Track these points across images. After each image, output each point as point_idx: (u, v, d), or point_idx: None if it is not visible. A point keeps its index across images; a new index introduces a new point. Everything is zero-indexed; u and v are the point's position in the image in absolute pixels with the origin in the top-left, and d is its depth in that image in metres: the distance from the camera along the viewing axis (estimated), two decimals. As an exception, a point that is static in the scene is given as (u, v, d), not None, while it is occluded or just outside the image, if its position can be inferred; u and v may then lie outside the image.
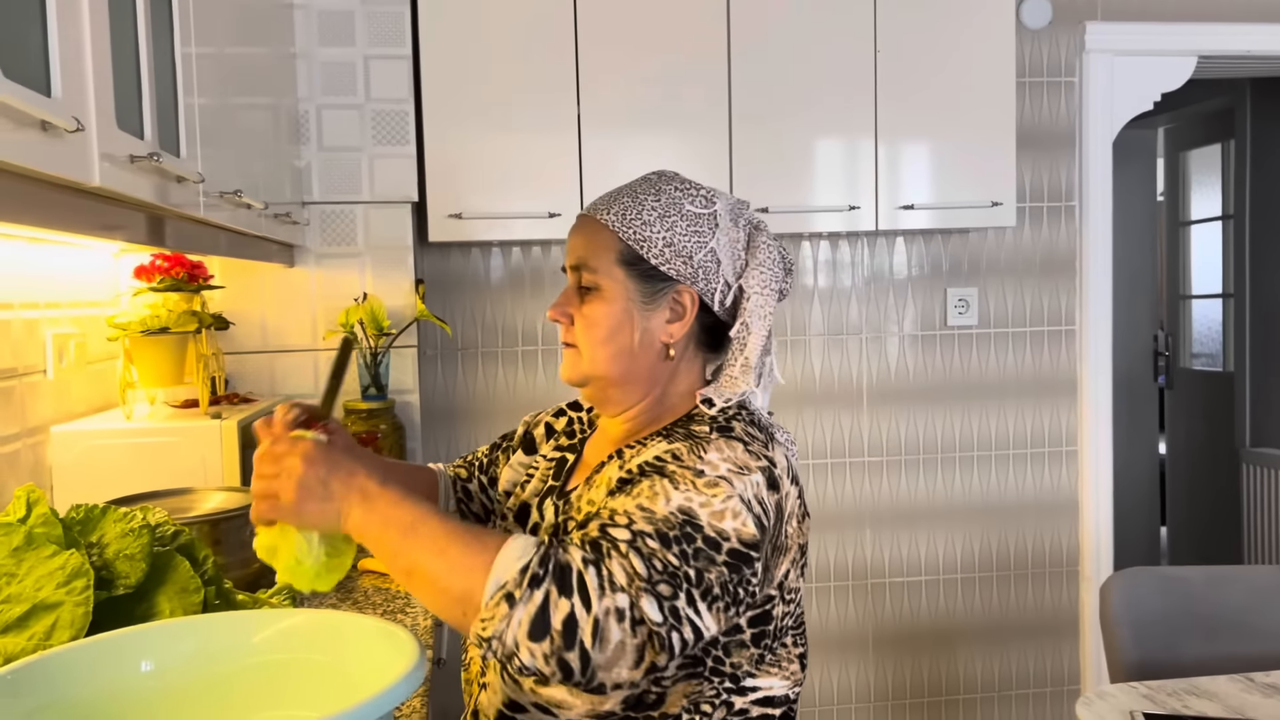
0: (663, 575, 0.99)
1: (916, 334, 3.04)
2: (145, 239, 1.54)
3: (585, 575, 0.97)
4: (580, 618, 0.95)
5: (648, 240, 1.19)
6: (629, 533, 1.01)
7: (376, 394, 2.46)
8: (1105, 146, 3.05)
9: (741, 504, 1.05)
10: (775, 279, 1.22)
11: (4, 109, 0.91)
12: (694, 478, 1.06)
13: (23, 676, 1.02)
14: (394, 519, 1.03)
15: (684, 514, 1.02)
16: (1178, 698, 1.60)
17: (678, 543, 1.01)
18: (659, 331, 1.21)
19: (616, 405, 1.25)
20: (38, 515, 1.27)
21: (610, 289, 1.20)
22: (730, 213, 1.22)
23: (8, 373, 1.76)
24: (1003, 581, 3.11)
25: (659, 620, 0.98)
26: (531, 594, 0.96)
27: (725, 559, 1.03)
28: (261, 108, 2.18)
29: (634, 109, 2.59)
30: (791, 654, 1.19)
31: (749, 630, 1.13)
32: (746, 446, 1.10)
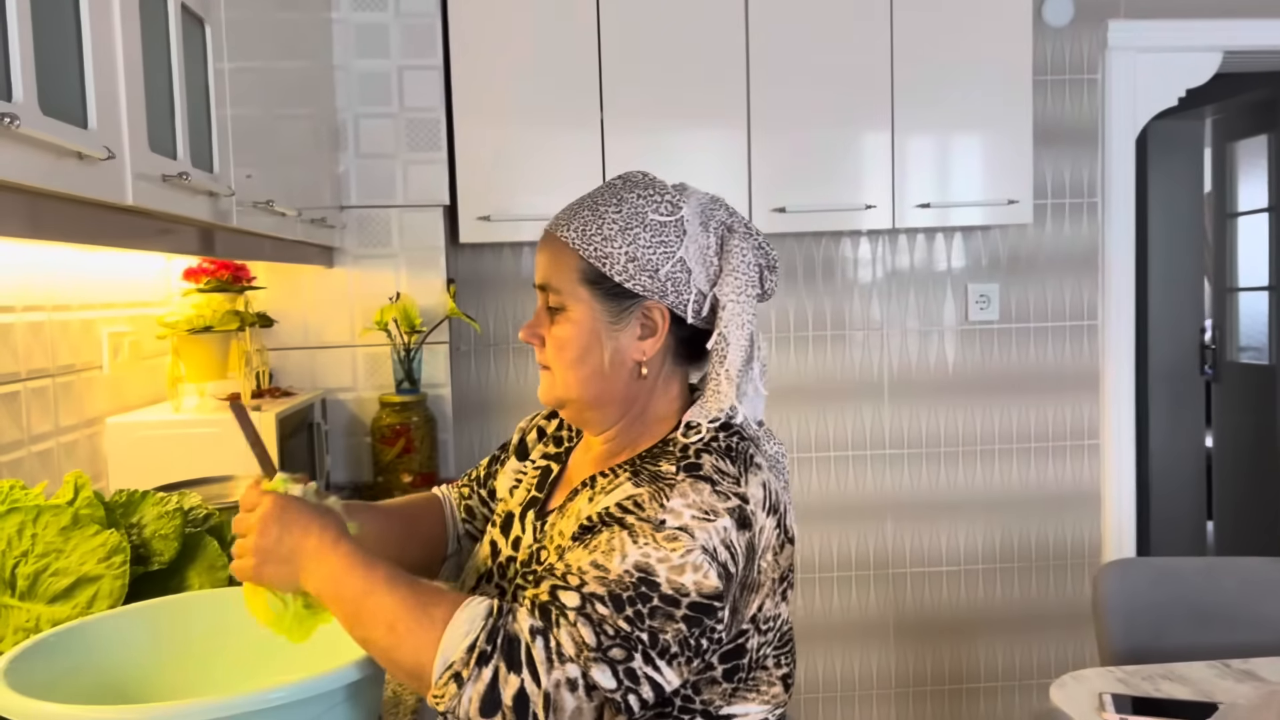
0: (614, 640, 0.96)
1: (937, 329, 3.09)
2: (196, 248, 1.69)
3: (533, 648, 0.95)
4: (531, 692, 0.94)
5: (609, 257, 1.12)
6: (578, 597, 0.98)
7: (410, 388, 2.60)
8: (1128, 143, 3.07)
9: (704, 555, 1.00)
10: (751, 284, 1.15)
11: (42, 143, 1.04)
12: (653, 531, 1.01)
13: (66, 638, 1.16)
14: (346, 583, 1.02)
15: (640, 571, 0.99)
16: (1151, 681, 1.66)
17: (631, 604, 0.97)
18: (630, 350, 1.15)
19: (596, 426, 1.21)
20: (83, 498, 1.41)
21: (576, 309, 1.15)
22: (700, 216, 1.16)
23: (67, 368, 1.92)
24: (1023, 573, 3.16)
25: (613, 687, 0.96)
26: (480, 672, 0.94)
27: (684, 613, 0.99)
28: (302, 118, 2.32)
29: (655, 111, 2.69)
30: (773, 676, 1.14)
31: (721, 667, 1.09)
32: (714, 487, 1.05)
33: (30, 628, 1.30)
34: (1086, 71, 3.07)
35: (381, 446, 2.55)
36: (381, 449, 2.55)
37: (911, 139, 2.75)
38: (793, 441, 3.08)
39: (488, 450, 2.98)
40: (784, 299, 3.05)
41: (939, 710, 3.16)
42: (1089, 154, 3.09)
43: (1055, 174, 3.09)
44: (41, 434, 1.82)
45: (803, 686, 3.12)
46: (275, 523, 1.05)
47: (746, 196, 2.72)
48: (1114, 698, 1.57)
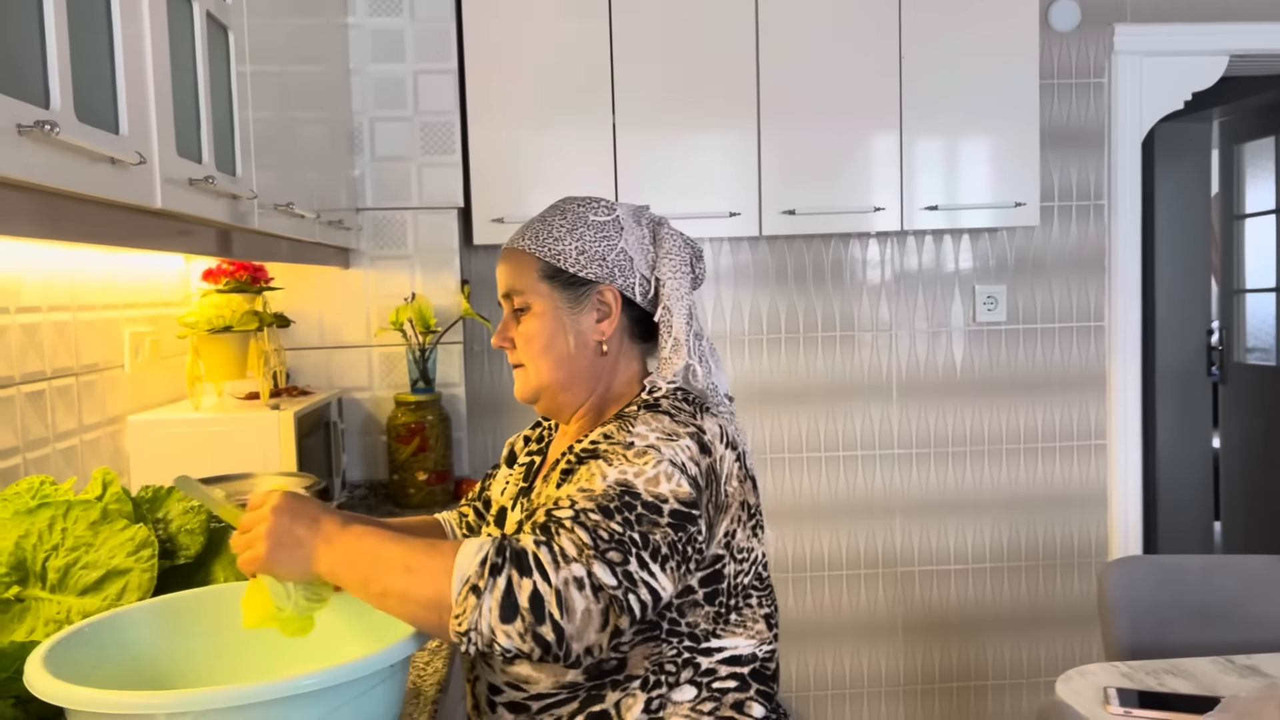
0: (610, 543, 1.07)
1: (945, 330, 3.12)
2: (215, 249, 1.73)
3: (539, 554, 1.04)
4: (544, 592, 1.02)
5: (562, 253, 1.30)
6: (572, 511, 1.10)
7: (424, 387, 2.64)
8: (1134, 146, 3.09)
9: (673, 467, 1.14)
10: (684, 263, 1.32)
11: (78, 150, 1.08)
12: (624, 450, 1.16)
13: (98, 629, 1.20)
14: (359, 551, 1.09)
15: (621, 485, 1.12)
16: (1155, 677, 1.69)
17: (619, 511, 1.09)
18: (591, 332, 1.32)
19: (568, 409, 1.35)
20: (111, 494, 1.45)
21: (539, 304, 1.31)
22: (632, 216, 1.35)
23: (90, 368, 1.96)
24: (1030, 571, 3.18)
25: (614, 584, 1.05)
26: (495, 581, 1.02)
27: (668, 520, 1.11)
28: (319, 121, 2.36)
29: (666, 114, 2.72)
30: (756, 614, 1.26)
31: (701, 590, 1.21)
32: (673, 418, 1.21)
33: (61, 619, 1.34)
34: (1093, 75, 3.09)
35: (397, 445, 2.59)
36: (397, 447, 2.59)
37: (920, 142, 2.78)
38: (802, 441, 3.11)
39: (500, 449, 3.01)
40: (793, 300, 3.08)
41: (946, 707, 3.19)
42: (1096, 157, 3.12)
43: (1062, 177, 3.11)
44: (66, 431, 1.86)
45: (812, 683, 3.15)
46: (285, 513, 1.13)
47: (756, 199, 2.75)
48: (1119, 691, 1.60)
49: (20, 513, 1.41)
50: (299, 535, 1.11)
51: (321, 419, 2.41)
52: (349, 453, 2.72)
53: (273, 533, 1.11)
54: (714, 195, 2.73)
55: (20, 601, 1.37)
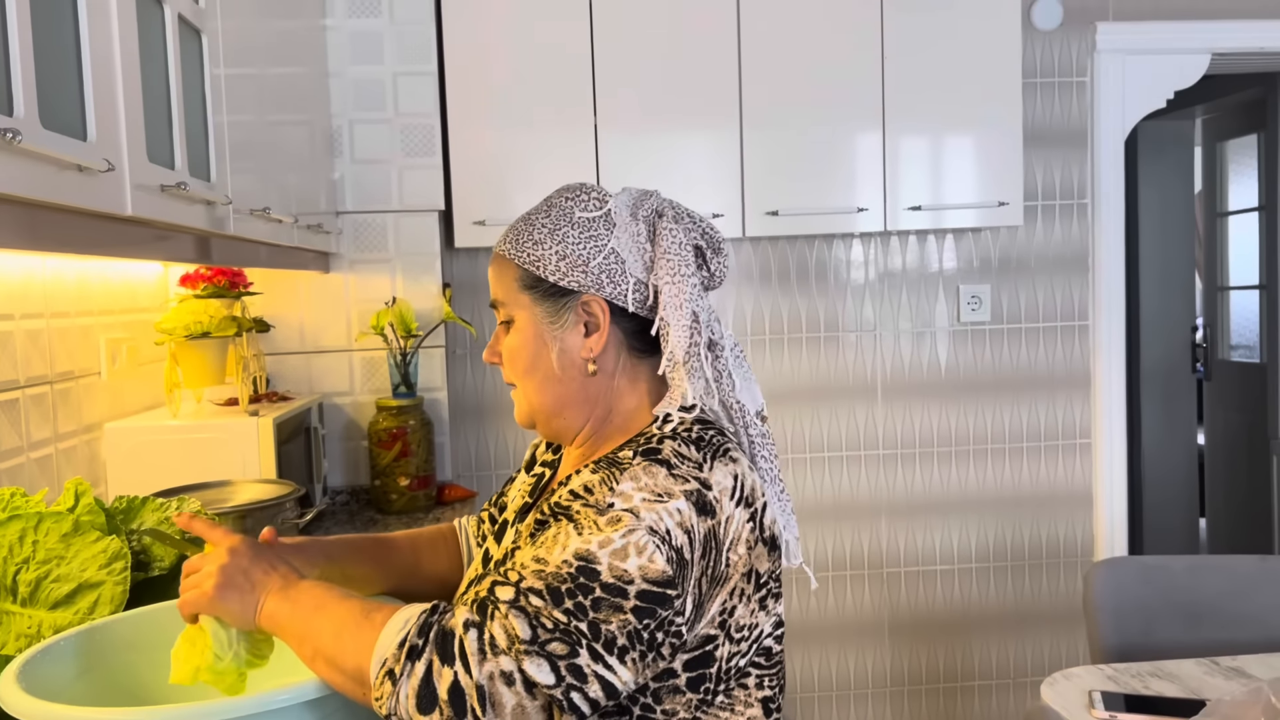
0: (552, 633, 0.94)
1: (930, 330, 3.12)
2: (192, 256, 1.71)
3: (465, 640, 0.94)
4: (465, 685, 0.92)
5: (541, 259, 1.14)
6: (513, 590, 0.96)
7: (406, 392, 2.62)
8: (1117, 144, 3.10)
9: (649, 536, 0.97)
10: (685, 264, 1.13)
11: (43, 157, 1.06)
12: (596, 516, 1.00)
13: (71, 644, 1.18)
14: (304, 603, 1.02)
15: (580, 559, 0.97)
16: (1141, 679, 1.68)
17: (570, 595, 0.95)
18: (578, 349, 1.15)
19: (567, 434, 1.20)
20: (84, 505, 1.43)
21: (520, 317, 1.16)
22: (629, 207, 1.16)
23: (65, 375, 1.94)
24: (1017, 571, 3.18)
25: (551, 683, 0.92)
26: (412, 666, 0.93)
27: (634, 604, 0.96)
28: (297, 124, 2.34)
29: (648, 115, 2.71)
30: (751, 697, 1.09)
31: (685, 674, 1.05)
32: (670, 471, 1.03)
33: (32, 634, 1.32)
34: (1075, 74, 3.09)
35: (379, 450, 2.57)
36: (379, 452, 2.57)
37: (903, 142, 2.78)
38: (787, 442, 3.10)
39: (485, 453, 3.00)
40: (777, 301, 3.07)
41: (933, 708, 3.18)
42: (1079, 156, 3.12)
43: (1045, 176, 3.12)
44: (41, 440, 1.83)
45: (798, 686, 3.14)
46: (244, 555, 1.08)
47: (739, 200, 2.74)
48: (1103, 695, 1.59)
49: (-10, 525, 1.38)
50: (253, 579, 1.06)
51: (302, 425, 2.39)
52: (330, 458, 2.69)
53: (225, 570, 1.07)
54: (697, 196, 2.72)
55: (-9, 616, 1.34)
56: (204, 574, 1.08)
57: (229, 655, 1.06)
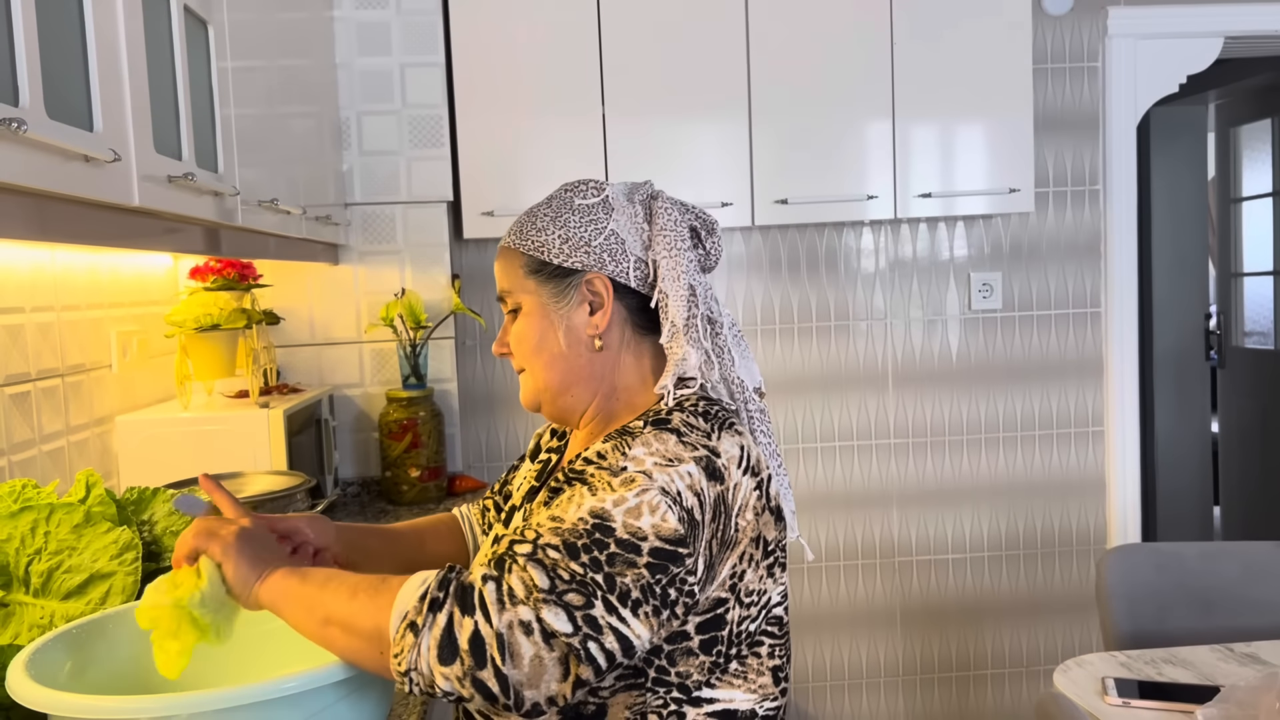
0: (569, 584, 0.96)
1: (941, 318, 3.10)
2: (201, 247, 1.71)
3: (484, 592, 0.96)
4: (485, 634, 0.93)
5: (545, 244, 1.20)
6: (531, 545, 1.00)
7: (416, 383, 2.62)
8: (1129, 129, 3.07)
9: (662, 497, 1.01)
10: (681, 239, 1.20)
11: (49, 147, 1.06)
12: (610, 477, 1.04)
13: (83, 633, 1.18)
14: (313, 577, 1.05)
15: (596, 517, 1.00)
16: (1154, 666, 1.67)
17: (586, 550, 0.98)
18: (584, 326, 1.20)
19: (573, 413, 1.24)
20: (95, 496, 1.43)
21: (528, 302, 1.21)
22: (626, 193, 1.23)
23: (76, 367, 1.94)
24: (1029, 560, 3.17)
25: (569, 631, 0.95)
26: (434, 618, 0.95)
27: (647, 560, 0.99)
28: (306, 116, 2.34)
29: (656, 104, 2.70)
30: (763, 665, 1.13)
31: (697, 637, 1.08)
32: (681, 438, 1.08)
33: (44, 624, 1.32)
34: (1087, 59, 3.07)
35: (389, 441, 2.57)
36: (389, 444, 2.57)
37: (913, 129, 2.76)
38: (797, 432, 3.09)
39: (495, 444, 3.00)
40: (787, 290, 3.06)
41: (945, 697, 3.18)
42: (1090, 141, 3.10)
43: (1057, 162, 3.09)
44: (52, 433, 1.84)
45: (809, 675, 3.14)
46: (263, 530, 1.13)
47: (749, 188, 2.73)
48: (1116, 681, 1.59)
49: (3, 517, 1.39)
50: (268, 550, 1.10)
51: (312, 416, 2.39)
52: (341, 450, 2.70)
53: (244, 533, 1.10)
54: (706, 185, 2.71)
55: (4, 606, 1.35)
56: (224, 525, 1.10)
57: (210, 608, 1.06)
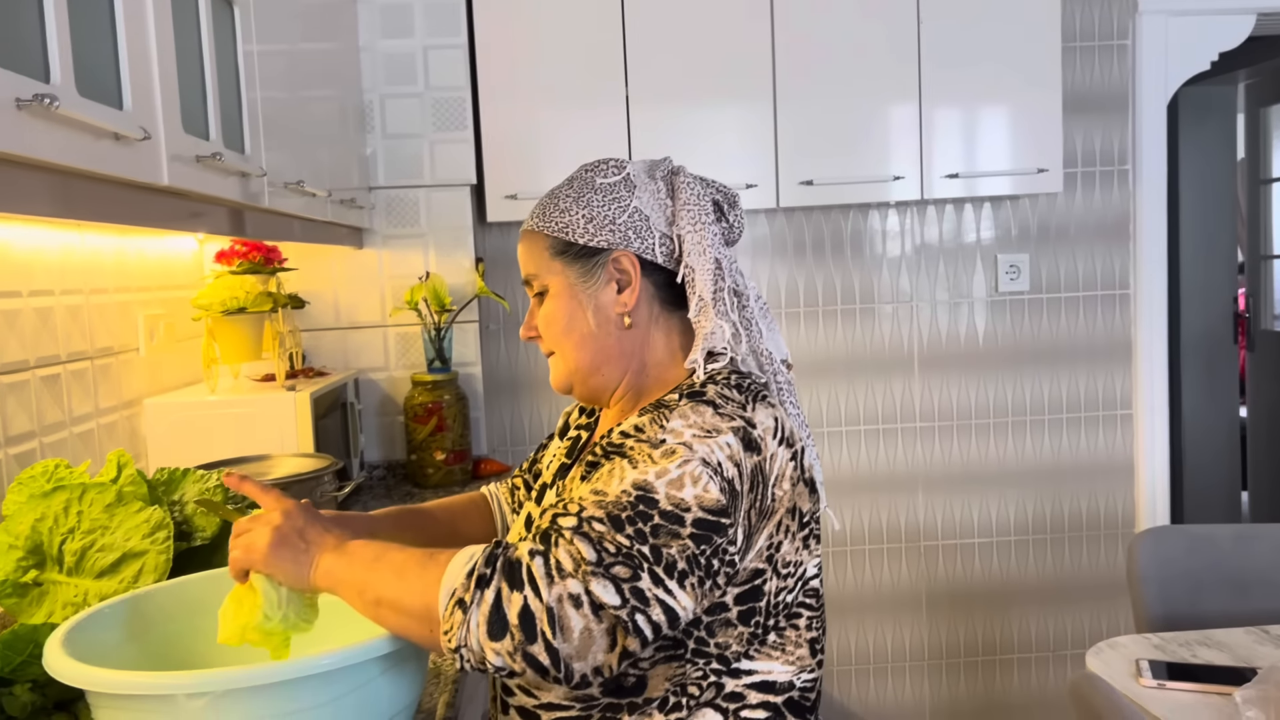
0: (616, 557, 0.96)
1: (967, 300, 3.08)
2: (226, 229, 1.71)
3: (532, 566, 0.96)
4: (535, 608, 0.94)
5: (569, 225, 1.19)
6: (576, 519, 1.00)
7: (441, 367, 2.62)
8: (1159, 109, 3.03)
9: (703, 468, 1.01)
10: (705, 213, 1.19)
11: (80, 124, 1.06)
12: (650, 450, 1.04)
13: (116, 611, 1.19)
14: (360, 556, 1.04)
15: (639, 489, 1.00)
16: (1189, 648, 1.65)
17: (630, 522, 0.98)
18: (612, 305, 1.20)
19: (604, 392, 1.24)
20: (126, 476, 1.44)
21: (555, 284, 1.21)
22: (647, 171, 1.23)
23: (105, 351, 1.95)
24: (1056, 544, 3.15)
25: (617, 603, 0.95)
26: (481, 594, 0.95)
27: (691, 530, 0.99)
28: (329, 99, 2.33)
29: (680, 85, 2.68)
30: (801, 637, 1.13)
31: (735, 608, 1.08)
32: (717, 409, 1.08)
33: (79, 602, 1.33)
34: (1116, 37, 3.03)
35: (414, 425, 2.57)
36: (414, 427, 2.57)
37: (939, 109, 2.73)
38: (822, 415, 3.08)
39: (519, 427, 3.00)
40: (811, 273, 3.04)
41: (971, 682, 3.16)
42: (1119, 121, 3.06)
43: (1085, 142, 3.06)
44: (82, 415, 1.85)
45: (835, 659, 3.13)
46: (298, 516, 1.10)
47: (773, 170, 2.71)
48: (1150, 664, 1.57)
49: (36, 496, 1.40)
50: (309, 537, 1.08)
51: (338, 400, 2.40)
52: (366, 433, 2.71)
53: (280, 530, 1.08)
54: (730, 167, 2.69)
55: (38, 585, 1.36)
56: (257, 533, 1.09)
57: (278, 616, 1.07)
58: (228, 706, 0.96)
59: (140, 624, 1.20)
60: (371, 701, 1.04)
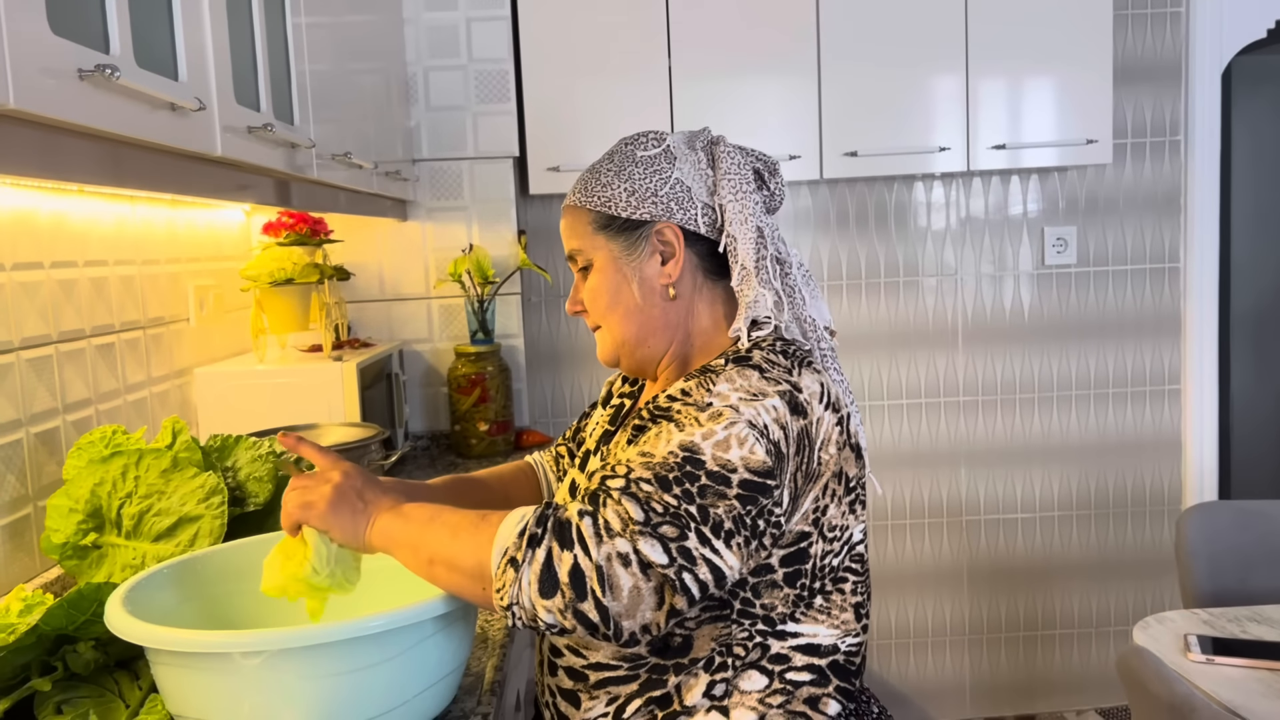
0: (663, 517, 0.98)
1: (1013, 273, 3.04)
2: (273, 200, 1.73)
3: (581, 526, 0.98)
4: (585, 567, 0.95)
5: (612, 198, 1.20)
6: (624, 480, 1.01)
7: (484, 338, 2.63)
8: (1213, 78, 2.97)
9: (749, 430, 1.02)
10: (745, 181, 1.20)
11: (139, 95, 1.07)
12: (697, 413, 1.05)
13: (173, 573, 1.22)
14: (414, 517, 1.06)
15: (685, 450, 1.02)
16: (1238, 624, 1.64)
17: (677, 483, 1.00)
18: (656, 277, 1.21)
19: (650, 363, 1.25)
20: (181, 442, 1.47)
21: (599, 258, 1.22)
22: (686, 141, 1.23)
23: (157, 320, 1.99)
24: (1101, 520, 3.12)
25: (665, 562, 0.96)
26: (533, 553, 0.97)
27: (737, 491, 1.00)
28: (373, 72, 2.34)
29: (723, 57, 2.66)
30: (846, 601, 1.14)
31: (781, 570, 1.10)
32: (763, 374, 1.09)
33: (137, 565, 1.36)
34: (1169, 4, 2.96)
35: (458, 396, 2.59)
36: (458, 398, 2.59)
37: (986, 79, 2.69)
38: (865, 389, 3.06)
39: (561, 399, 3.02)
40: (855, 245, 3.02)
41: (1012, 657, 3.15)
42: (1172, 91, 3.00)
43: (1136, 112, 3.00)
44: (135, 384, 1.88)
45: (875, 632, 3.13)
46: (357, 477, 1.12)
47: (817, 141, 2.69)
48: (1199, 639, 1.56)
49: (95, 461, 1.43)
50: (366, 498, 1.10)
51: (383, 371, 2.42)
52: (410, 404, 2.73)
53: (339, 488, 1.10)
54: (774, 139, 2.67)
55: (97, 548, 1.39)
56: (317, 490, 1.10)
57: (325, 571, 1.09)
58: (282, 665, 0.98)
59: (197, 585, 1.23)
60: (422, 663, 1.06)
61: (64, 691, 1.10)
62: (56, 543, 1.39)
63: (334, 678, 1.00)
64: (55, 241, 1.64)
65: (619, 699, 1.12)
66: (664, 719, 1.10)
